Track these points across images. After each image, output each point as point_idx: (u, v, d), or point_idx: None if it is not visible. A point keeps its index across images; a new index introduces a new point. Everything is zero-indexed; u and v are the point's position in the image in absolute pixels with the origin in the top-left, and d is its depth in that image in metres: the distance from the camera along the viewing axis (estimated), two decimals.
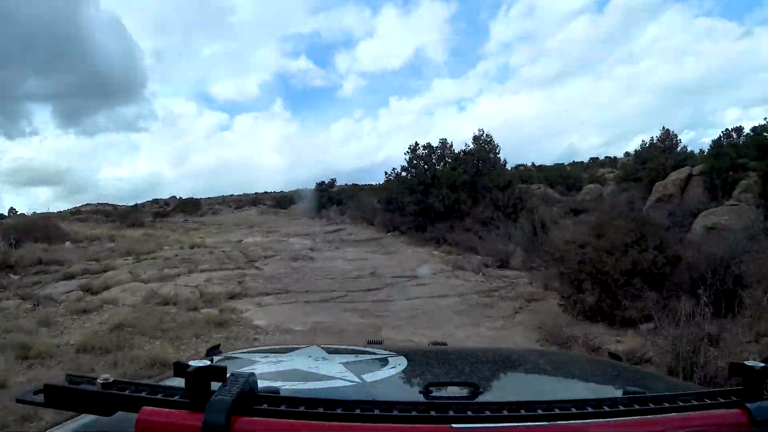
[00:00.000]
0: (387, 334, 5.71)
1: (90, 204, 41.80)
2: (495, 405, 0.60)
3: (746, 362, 0.64)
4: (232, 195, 51.67)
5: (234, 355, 1.28)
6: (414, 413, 0.58)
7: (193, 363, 0.59)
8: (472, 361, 1.35)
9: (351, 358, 1.19)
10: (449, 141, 16.74)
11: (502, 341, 5.57)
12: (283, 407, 0.57)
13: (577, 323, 5.90)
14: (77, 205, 41.34)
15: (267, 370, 1.07)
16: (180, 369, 0.59)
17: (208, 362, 0.60)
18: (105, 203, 40.37)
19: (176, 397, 0.59)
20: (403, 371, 1.05)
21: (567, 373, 1.28)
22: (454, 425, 0.56)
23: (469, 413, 0.58)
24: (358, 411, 0.57)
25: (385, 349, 1.28)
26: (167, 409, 0.56)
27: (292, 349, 1.34)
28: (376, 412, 0.58)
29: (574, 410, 0.59)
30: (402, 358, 1.15)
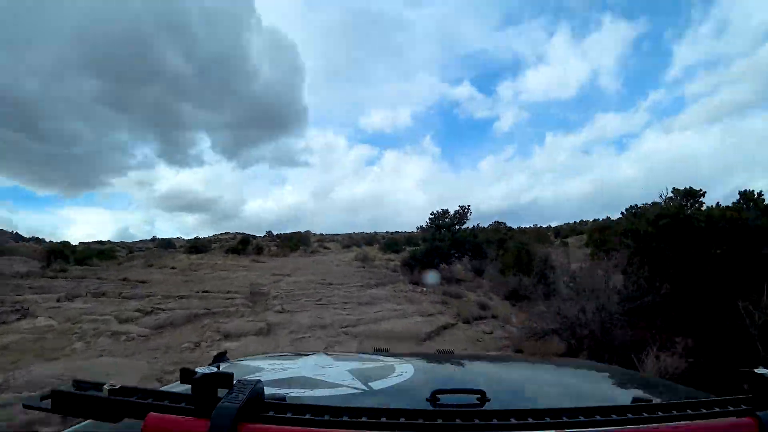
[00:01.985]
0: None
1: (228, 233, 43.43)
2: (502, 413, 0.59)
3: (755, 370, 0.63)
4: (353, 233, 49.69)
5: (241, 362, 1.28)
6: (421, 421, 0.57)
7: (200, 370, 0.59)
8: (478, 369, 1.34)
9: (357, 365, 1.19)
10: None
11: None
12: (289, 414, 0.57)
13: None
14: (218, 233, 43.69)
15: (273, 377, 1.07)
16: (187, 376, 0.59)
17: (215, 369, 0.60)
18: (243, 232, 41.00)
19: (183, 404, 0.59)
20: (410, 378, 1.04)
21: (575, 381, 1.26)
22: None
23: (477, 421, 0.58)
24: (364, 418, 0.57)
25: (391, 356, 1.28)
26: (174, 416, 0.56)
27: (299, 356, 1.34)
28: (383, 419, 0.57)
29: (582, 418, 0.59)
30: (408, 365, 1.14)
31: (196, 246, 26.12)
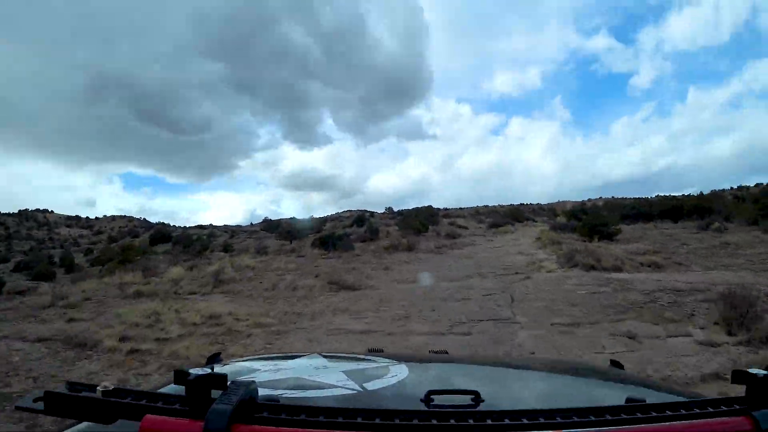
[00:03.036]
0: None
1: (350, 210, 42.64)
2: (497, 413, 0.60)
3: (750, 370, 0.64)
4: (486, 206, 44.42)
5: (235, 363, 1.28)
6: (415, 422, 0.57)
7: (194, 371, 0.59)
8: (473, 369, 1.34)
9: (352, 366, 1.19)
10: None
11: None
12: (283, 415, 0.57)
13: None
14: (340, 211, 43.79)
15: (268, 378, 1.06)
16: (180, 377, 0.59)
17: (209, 370, 0.59)
18: (364, 209, 39.60)
19: (176, 405, 0.59)
20: (404, 379, 1.04)
21: (569, 381, 1.27)
22: None
23: (471, 422, 0.58)
24: (359, 419, 0.57)
25: (385, 357, 1.28)
26: (168, 417, 0.56)
27: (293, 357, 1.33)
28: (377, 420, 0.57)
29: (576, 419, 0.59)
30: (403, 366, 1.14)
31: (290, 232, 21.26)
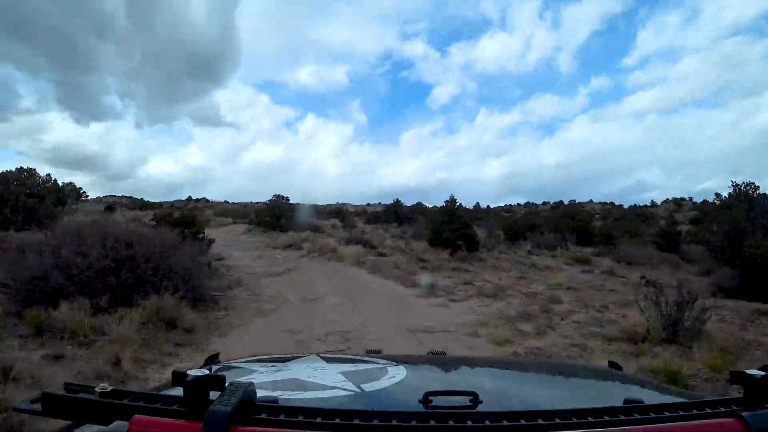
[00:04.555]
0: None
1: (114, 195, 43.06)
2: (495, 415, 0.60)
3: (747, 371, 0.64)
4: (228, 202, 47.90)
5: (233, 364, 1.28)
6: (414, 423, 0.57)
7: (192, 372, 0.59)
8: (471, 370, 1.34)
9: (350, 367, 1.19)
10: None
11: None
12: (281, 417, 0.57)
13: None
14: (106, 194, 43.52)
15: (266, 379, 1.06)
16: (178, 378, 0.59)
17: (207, 371, 0.59)
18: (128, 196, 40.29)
19: (174, 407, 0.59)
20: (402, 380, 1.04)
21: (567, 383, 1.27)
22: None
23: (469, 423, 0.58)
24: (356, 421, 0.57)
25: (384, 358, 1.28)
26: (165, 419, 0.56)
27: (291, 358, 1.33)
28: (375, 422, 0.57)
29: (574, 420, 0.59)
30: (401, 367, 1.14)
31: None
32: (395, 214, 26.22)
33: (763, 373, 0.64)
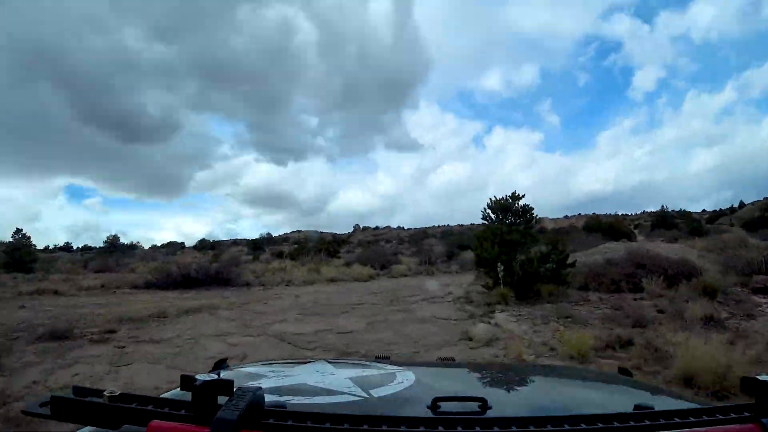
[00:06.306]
0: None
1: (301, 231, 43.83)
2: (504, 421, 0.59)
3: (759, 377, 0.63)
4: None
5: (241, 369, 1.28)
6: (422, 429, 0.57)
7: (200, 377, 0.59)
8: (479, 376, 1.33)
9: (358, 372, 1.18)
10: None
11: None
12: (290, 422, 0.57)
13: None
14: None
15: (274, 384, 1.06)
16: (187, 382, 0.59)
17: (215, 376, 0.60)
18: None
19: (183, 411, 0.59)
20: (411, 386, 1.03)
21: (576, 389, 1.26)
22: None
23: (478, 429, 0.57)
24: (365, 427, 0.57)
25: (392, 364, 1.27)
26: (174, 423, 0.56)
27: (300, 364, 1.33)
28: (384, 427, 0.57)
29: (583, 426, 0.58)
30: (409, 372, 1.14)
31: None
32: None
33: None
